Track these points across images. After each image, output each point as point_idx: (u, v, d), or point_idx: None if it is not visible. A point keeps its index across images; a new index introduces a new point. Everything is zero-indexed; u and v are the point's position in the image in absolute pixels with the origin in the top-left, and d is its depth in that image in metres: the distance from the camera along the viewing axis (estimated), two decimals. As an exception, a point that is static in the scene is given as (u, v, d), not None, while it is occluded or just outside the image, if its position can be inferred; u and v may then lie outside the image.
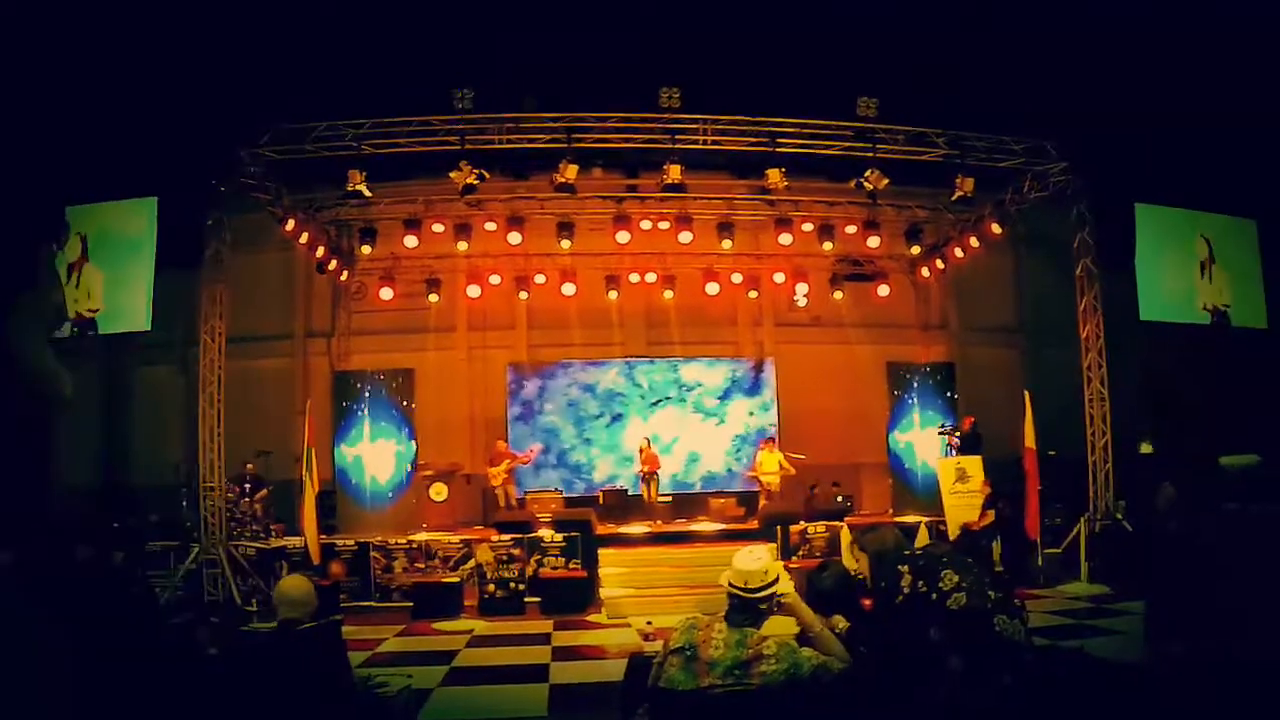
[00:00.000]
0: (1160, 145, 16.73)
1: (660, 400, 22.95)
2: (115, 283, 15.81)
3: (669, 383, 23.07)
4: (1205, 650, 5.04)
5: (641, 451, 20.67)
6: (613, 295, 21.71)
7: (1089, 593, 15.11)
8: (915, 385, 21.58)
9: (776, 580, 4.64)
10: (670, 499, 20.84)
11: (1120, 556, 15.75)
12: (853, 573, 5.49)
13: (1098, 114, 16.21)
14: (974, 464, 16.83)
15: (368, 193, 16.52)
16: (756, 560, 4.67)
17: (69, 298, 15.53)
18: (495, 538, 15.99)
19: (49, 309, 0.89)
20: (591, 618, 14.58)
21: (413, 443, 20.01)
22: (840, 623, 4.92)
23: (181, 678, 5.32)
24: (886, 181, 16.67)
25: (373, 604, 15.66)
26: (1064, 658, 7.10)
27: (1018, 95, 16.27)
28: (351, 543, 16.46)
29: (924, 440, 20.83)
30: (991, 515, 15.76)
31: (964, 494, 16.52)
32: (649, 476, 20.38)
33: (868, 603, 5.23)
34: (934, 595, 4.78)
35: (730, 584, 4.65)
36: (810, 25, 16.00)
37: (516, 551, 15.50)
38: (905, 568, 4.93)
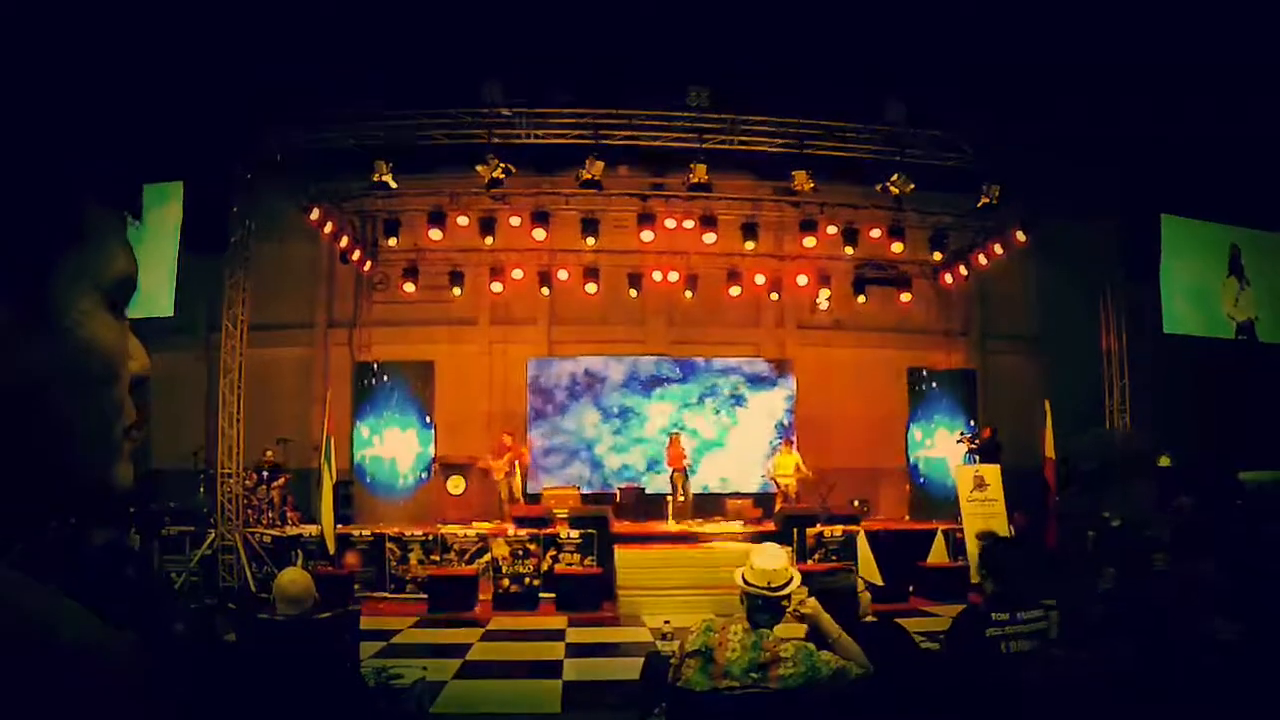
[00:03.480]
0: (1188, 157, 16.61)
1: (679, 399, 22.94)
2: (139, 266, 15.82)
3: (689, 382, 23.05)
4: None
5: (671, 444, 20.59)
6: (634, 293, 21.67)
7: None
8: (935, 392, 21.54)
9: (792, 579, 4.65)
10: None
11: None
12: (862, 589, 5.48)
13: (1124, 125, 16.10)
14: (992, 472, 16.75)
15: (393, 184, 16.56)
16: (777, 559, 4.67)
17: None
18: (511, 532, 16.03)
19: (104, 275, 0.85)
20: (606, 615, 14.59)
21: (431, 435, 20.06)
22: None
23: (198, 662, 5.33)
24: (912, 187, 16.64)
25: (387, 595, 15.71)
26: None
27: (1044, 104, 16.18)
28: (368, 533, 16.49)
29: (943, 447, 20.80)
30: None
31: (981, 502, 16.44)
32: (679, 473, 20.26)
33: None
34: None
35: (748, 582, 4.65)
36: (841, 27, 15.94)
37: (532, 547, 15.52)
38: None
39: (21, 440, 0.80)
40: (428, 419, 20.09)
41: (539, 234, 18.88)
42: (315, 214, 18.11)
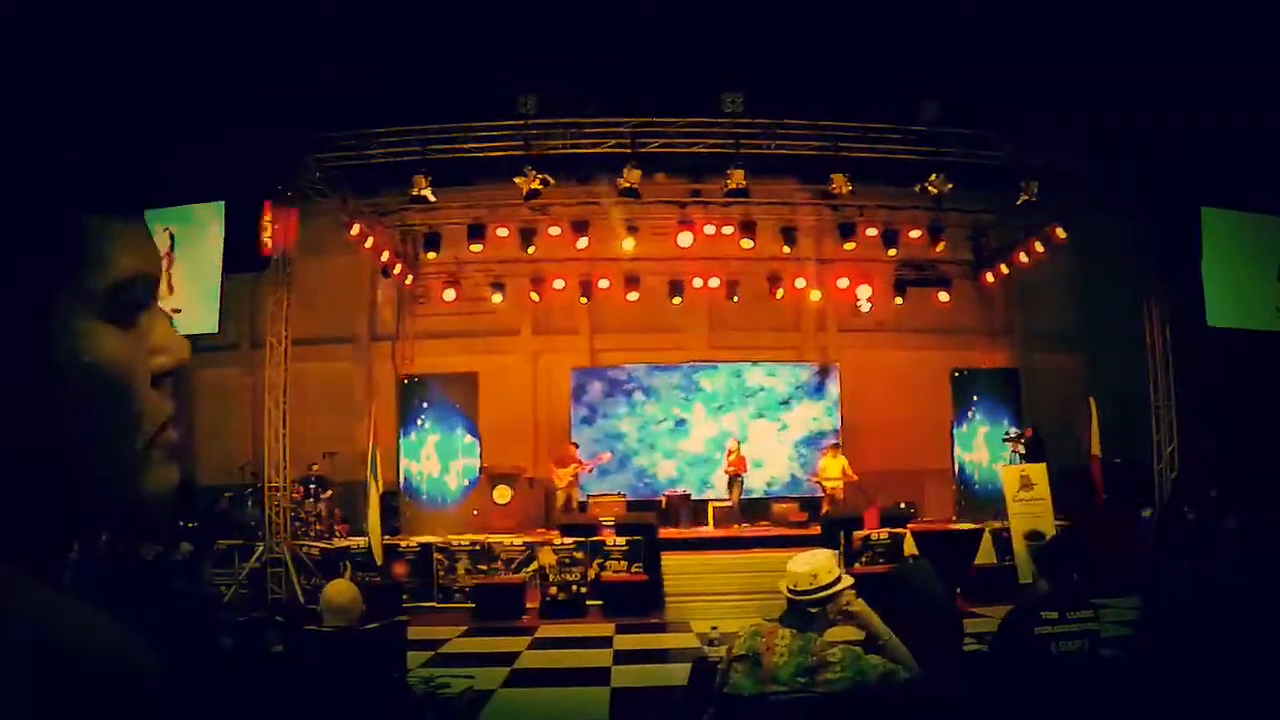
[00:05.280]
0: (1231, 149, 16.40)
1: (724, 405, 22.91)
2: (185, 285, 15.98)
3: (732, 387, 23.02)
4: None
5: (730, 452, 20.57)
6: (676, 300, 21.66)
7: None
8: (979, 391, 21.38)
9: (832, 584, 4.56)
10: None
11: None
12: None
13: (1164, 118, 15.94)
14: (1039, 472, 16.62)
15: (432, 198, 16.62)
16: (805, 563, 4.63)
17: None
18: (558, 540, 16.02)
19: (100, 286, 0.83)
20: (654, 621, 14.59)
21: (476, 445, 20.10)
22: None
23: (246, 674, 5.38)
24: (950, 186, 16.53)
25: (435, 605, 15.75)
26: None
27: (1078, 100, 16.05)
28: (414, 544, 16.57)
29: (988, 447, 20.63)
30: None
31: (1028, 501, 16.33)
32: (735, 479, 20.31)
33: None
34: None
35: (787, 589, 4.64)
36: (873, 28, 15.88)
37: (579, 555, 15.52)
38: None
39: (42, 467, 0.81)
40: (472, 430, 20.15)
41: (581, 243, 18.92)
42: (356, 229, 18.22)
